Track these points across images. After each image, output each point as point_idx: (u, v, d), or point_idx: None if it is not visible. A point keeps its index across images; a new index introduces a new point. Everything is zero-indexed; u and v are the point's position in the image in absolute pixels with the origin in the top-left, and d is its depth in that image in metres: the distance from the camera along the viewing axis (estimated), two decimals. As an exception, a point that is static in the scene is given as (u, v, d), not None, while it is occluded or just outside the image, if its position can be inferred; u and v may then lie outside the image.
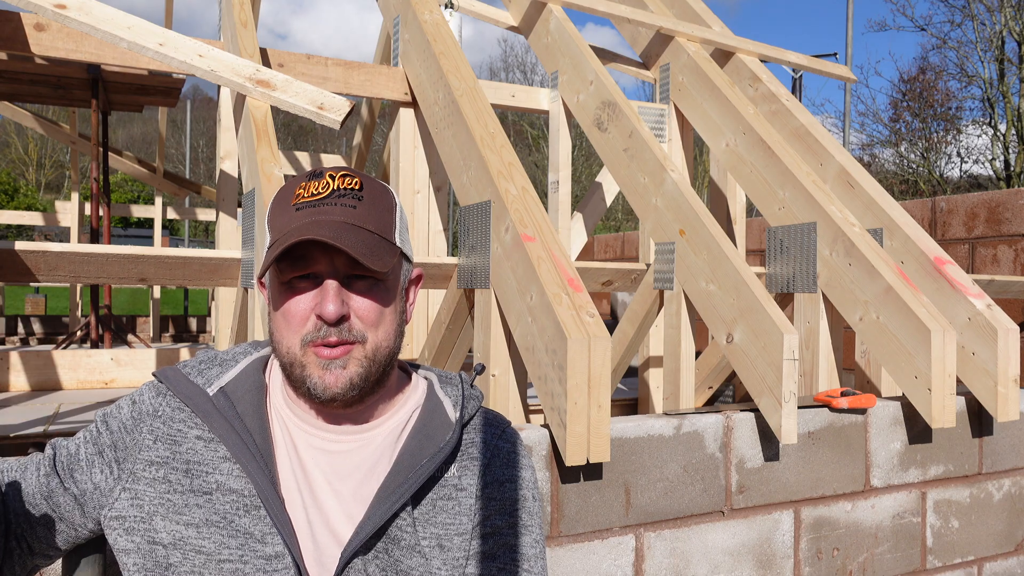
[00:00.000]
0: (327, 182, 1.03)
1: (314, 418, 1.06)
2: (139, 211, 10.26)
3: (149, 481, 1.02)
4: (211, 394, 1.06)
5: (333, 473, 1.04)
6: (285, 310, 1.01)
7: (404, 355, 1.19)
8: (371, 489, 1.03)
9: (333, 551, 1.01)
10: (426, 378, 1.18)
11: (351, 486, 1.03)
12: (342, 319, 1.00)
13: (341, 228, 0.99)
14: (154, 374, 1.10)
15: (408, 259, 1.10)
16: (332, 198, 1.02)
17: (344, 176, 1.04)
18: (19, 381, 4.15)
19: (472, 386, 1.18)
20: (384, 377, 1.06)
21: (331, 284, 1.00)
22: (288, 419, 1.07)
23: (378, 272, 1.01)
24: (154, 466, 1.03)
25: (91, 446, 1.08)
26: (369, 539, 1.00)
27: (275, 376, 1.11)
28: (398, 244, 1.06)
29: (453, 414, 1.11)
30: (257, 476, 1.00)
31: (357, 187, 1.03)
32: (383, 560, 1.01)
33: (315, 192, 1.02)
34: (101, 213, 5.68)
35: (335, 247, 0.98)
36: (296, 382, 1.02)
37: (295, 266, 1.00)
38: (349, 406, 1.04)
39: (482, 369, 1.29)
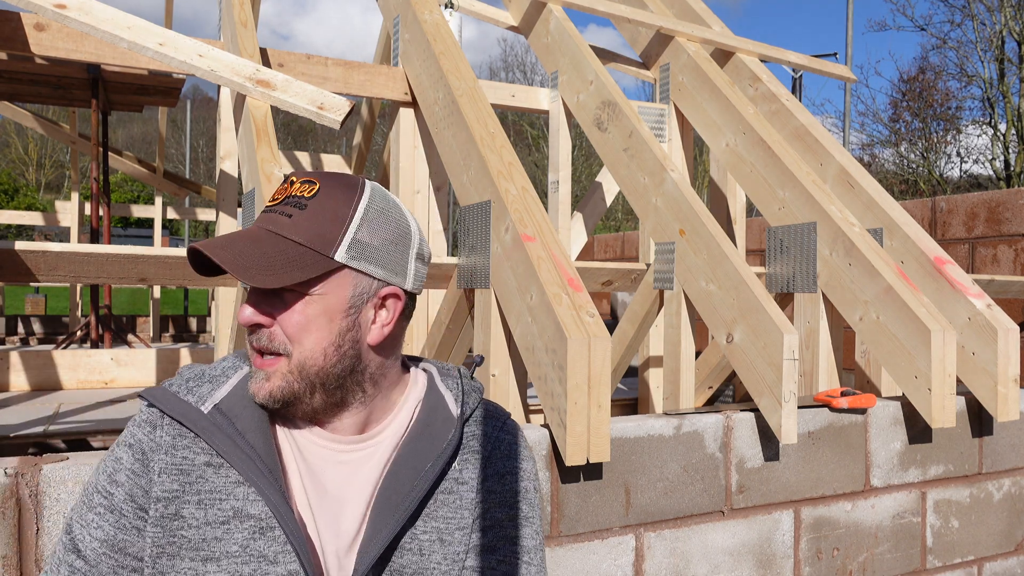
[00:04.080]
0: (286, 187, 1.02)
1: (323, 432, 1.04)
2: (139, 211, 10.26)
3: (160, 519, 0.97)
4: (205, 412, 1.01)
5: (344, 483, 1.02)
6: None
7: (404, 354, 1.19)
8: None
9: (347, 563, 1.00)
10: (425, 371, 1.16)
11: (363, 496, 1.02)
12: (256, 327, 0.99)
13: (249, 239, 0.97)
14: (140, 395, 1.04)
15: (370, 275, 1.01)
16: (280, 205, 1.00)
17: (305, 182, 1.01)
18: (19, 381, 4.15)
19: (472, 378, 1.16)
20: (341, 393, 1.02)
21: (248, 290, 1.00)
22: (296, 432, 1.04)
23: (307, 284, 0.97)
24: (161, 502, 0.97)
25: (109, 515, 0.98)
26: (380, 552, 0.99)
27: None
28: (337, 258, 0.98)
29: (455, 409, 1.09)
30: (270, 494, 0.96)
31: (310, 194, 0.99)
32: (379, 566, 1.01)
33: (275, 197, 1.02)
34: (101, 213, 5.68)
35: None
36: None
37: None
38: (320, 416, 1.03)
39: (481, 361, 1.27)
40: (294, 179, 1.01)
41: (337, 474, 1.02)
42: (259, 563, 0.96)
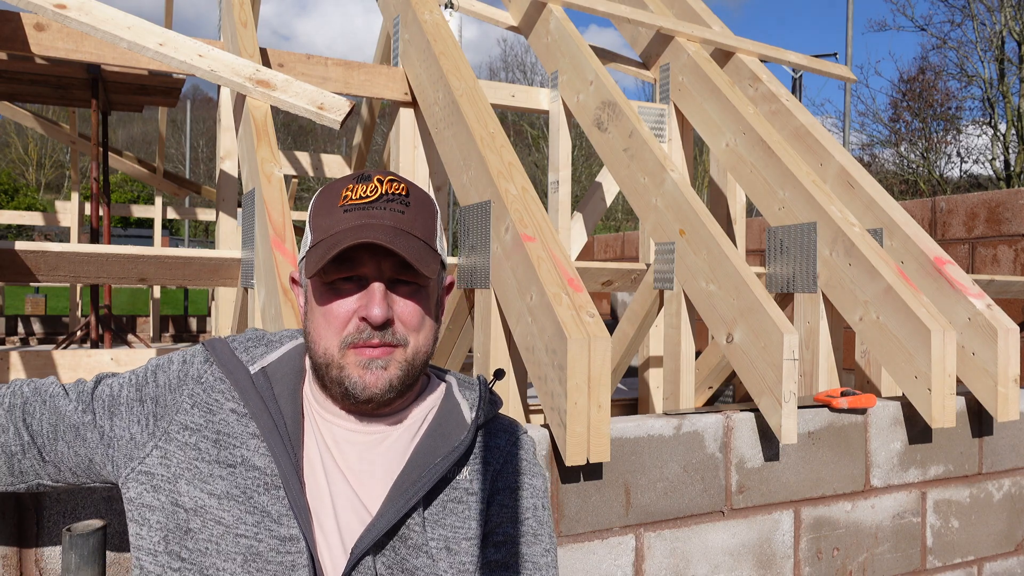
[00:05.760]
0: (375, 185, 1.03)
1: (341, 412, 1.07)
2: (139, 211, 10.26)
3: (180, 444, 1.04)
4: (252, 372, 1.07)
5: (355, 466, 1.05)
6: (327, 311, 1.02)
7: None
8: (388, 485, 1.04)
9: (348, 543, 1.01)
10: (446, 380, 1.18)
11: (371, 480, 1.04)
12: (387, 323, 1.01)
13: (393, 232, 1.00)
14: (203, 343, 1.12)
15: (444, 266, 1.11)
16: (381, 202, 1.02)
17: (392, 181, 1.05)
18: (19, 381, 4.14)
19: (491, 391, 1.18)
20: (416, 381, 1.08)
21: (378, 287, 1.00)
22: (316, 410, 1.08)
23: (423, 278, 1.02)
24: (187, 431, 1.04)
25: (134, 390, 1.09)
26: (381, 537, 1.00)
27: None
28: (439, 251, 1.07)
29: (469, 416, 1.12)
30: (281, 458, 1.01)
31: (404, 192, 1.05)
32: (389, 557, 1.01)
33: (363, 195, 1.03)
34: (101, 213, 5.68)
35: (384, 250, 0.99)
36: (331, 383, 1.03)
37: (341, 267, 1.01)
38: (381, 407, 1.05)
39: (502, 375, 1.28)
40: (380, 177, 1.05)
41: (346, 454, 1.05)
42: (262, 517, 1.00)
